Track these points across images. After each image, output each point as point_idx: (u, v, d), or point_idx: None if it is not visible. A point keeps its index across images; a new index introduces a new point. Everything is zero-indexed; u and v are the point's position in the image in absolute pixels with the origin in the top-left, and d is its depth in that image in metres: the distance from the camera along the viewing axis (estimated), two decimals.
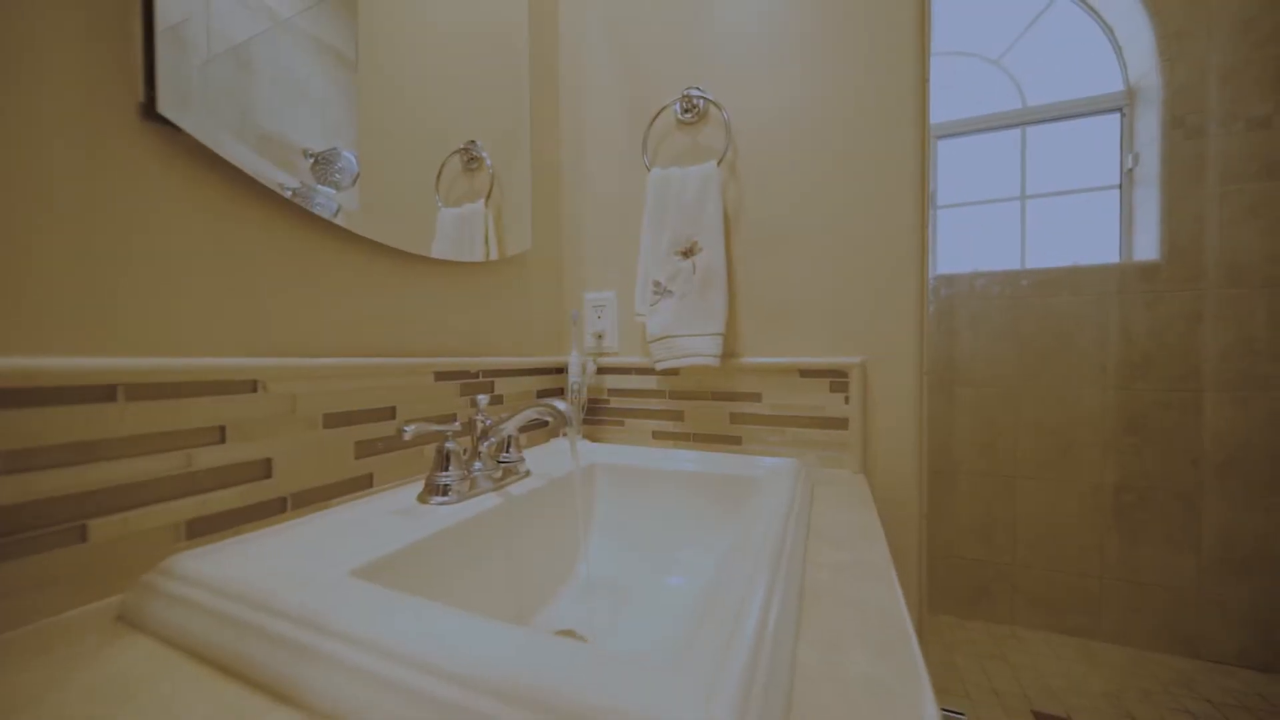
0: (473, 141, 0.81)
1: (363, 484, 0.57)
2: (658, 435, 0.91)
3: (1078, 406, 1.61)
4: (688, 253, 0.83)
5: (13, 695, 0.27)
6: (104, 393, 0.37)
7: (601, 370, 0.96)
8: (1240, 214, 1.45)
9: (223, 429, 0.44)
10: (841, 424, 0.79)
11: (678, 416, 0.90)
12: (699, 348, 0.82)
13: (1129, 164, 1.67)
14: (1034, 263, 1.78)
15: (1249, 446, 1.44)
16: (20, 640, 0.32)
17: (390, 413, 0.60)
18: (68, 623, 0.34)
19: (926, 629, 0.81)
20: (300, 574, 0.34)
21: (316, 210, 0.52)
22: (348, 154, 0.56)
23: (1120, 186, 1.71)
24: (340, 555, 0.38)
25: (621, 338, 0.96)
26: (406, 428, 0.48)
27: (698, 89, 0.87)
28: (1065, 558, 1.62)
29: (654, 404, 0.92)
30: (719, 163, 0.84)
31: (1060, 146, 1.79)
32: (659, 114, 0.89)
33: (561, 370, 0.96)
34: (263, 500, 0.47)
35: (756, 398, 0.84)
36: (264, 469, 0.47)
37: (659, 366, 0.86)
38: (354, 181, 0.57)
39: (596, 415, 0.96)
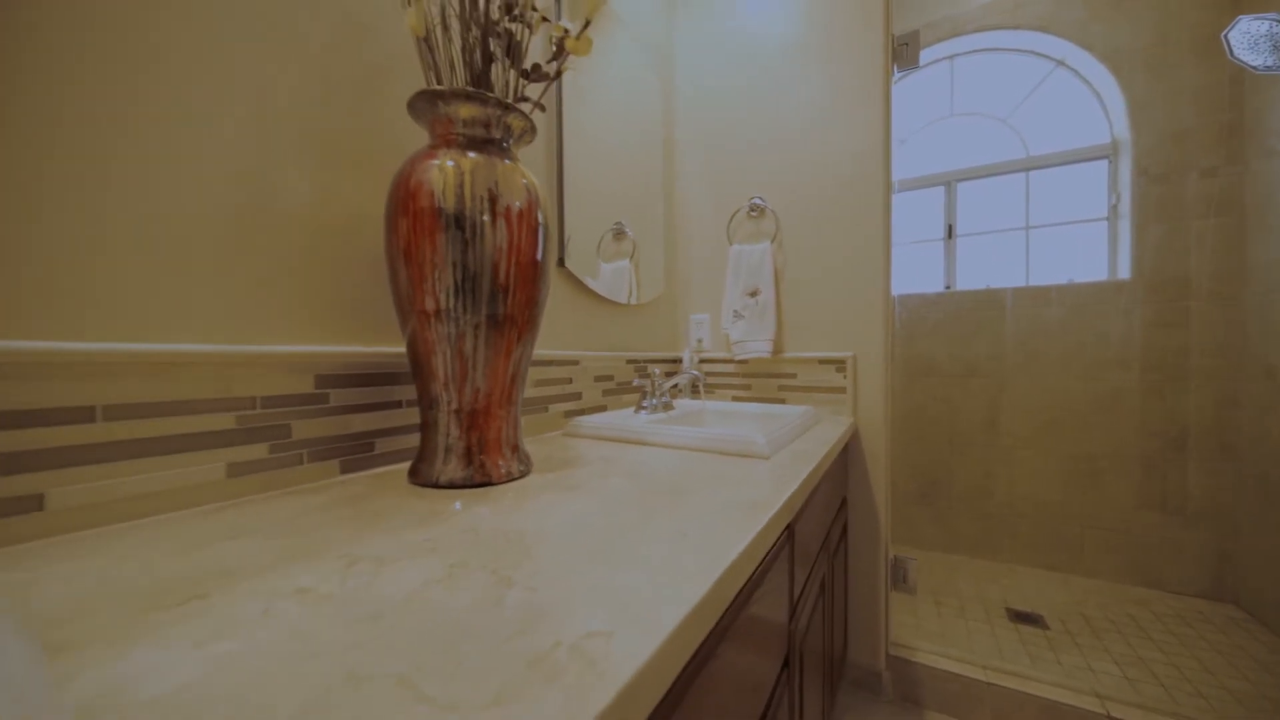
0: (619, 221, 1.49)
1: (601, 408, 1.27)
2: (736, 398, 1.56)
3: (1063, 392, 2.06)
4: (753, 294, 1.47)
5: (550, 450, 0.97)
6: (548, 362, 1.07)
7: (701, 361, 1.62)
8: (1191, 244, 1.86)
9: (571, 378, 1.14)
10: (842, 390, 1.39)
11: (747, 387, 1.54)
12: (760, 348, 1.46)
13: (1113, 201, 2.09)
14: (1036, 280, 2.23)
15: (1197, 423, 1.85)
16: (543, 438, 1.02)
17: (610, 377, 1.30)
18: (549, 436, 1.04)
19: (889, 476, 1.40)
20: (626, 423, 1.02)
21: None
22: None
23: (1107, 219, 2.13)
24: (629, 424, 1.06)
25: (713, 342, 1.62)
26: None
27: (760, 197, 1.51)
28: (1052, 510, 2.08)
29: (733, 380, 1.56)
30: (771, 241, 1.48)
31: (1058, 186, 2.23)
32: (735, 213, 1.54)
33: (677, 360, 1.63)
34: (580, 408, 1.17)
35: (793, 376, 1.47)
36: (579, 396, 1.17)
37: (736, 358, 1.50)
38: None
39: (698, 388, 1.62)
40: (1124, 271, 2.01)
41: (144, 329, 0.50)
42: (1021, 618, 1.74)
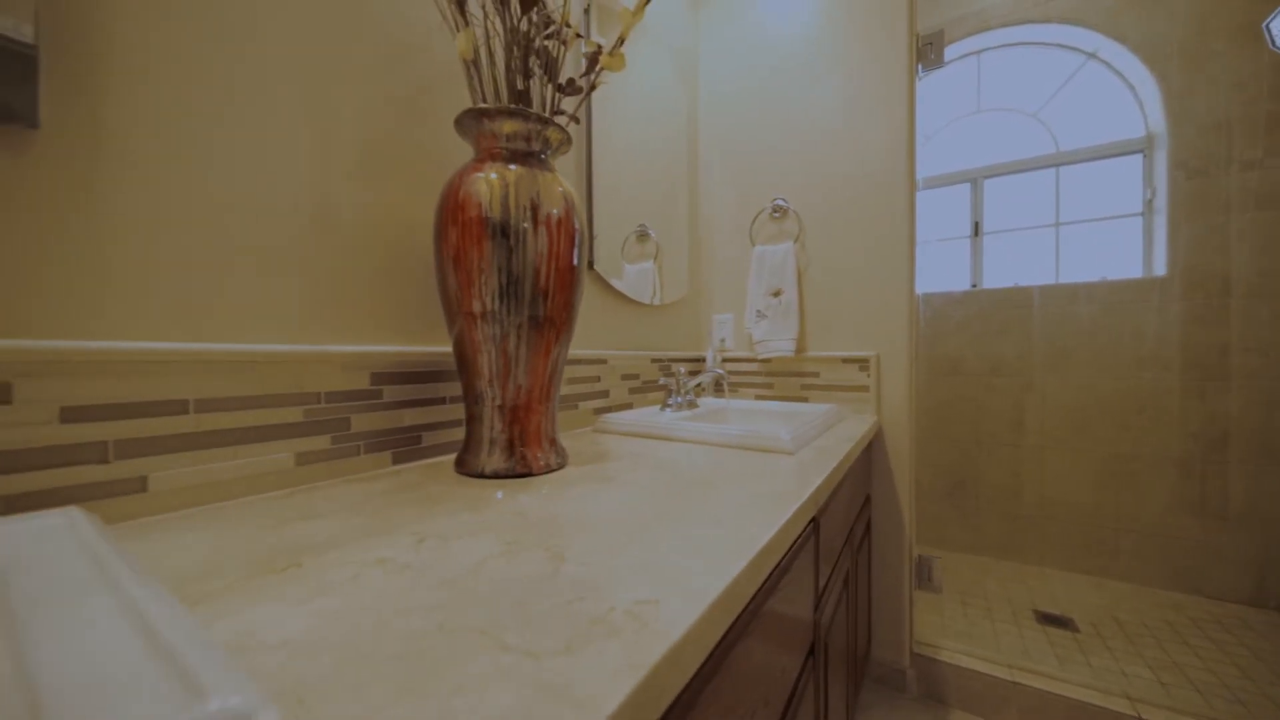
0: (642, 223, 1.52)
1: (627, 406, 1.30)
2: (759, 396, 1.58)
3: (1095, 392, 2.02)
4: (776, 294, 1.49)
5: (581, 445, 1.01)
6: (578, 361, 1.12)
7: (724, 360, 1.64)
8: (1232, 239, 1.80)
9: (599, 376, 1.18)
10: (865, 389, 1.40)
11: (770, 386, 1.56)
12: (783, 347, 1.47)
13: (1148, 196, 2.04)
14: (1066, 278, 2.19)
15: (1239, 425, 1.79)
16: (574, 433, 1.07)
17: (636, 375, 1.33)
18: (578, 432, 1.09)
19: (914, 474, 1.41)
20: (653, 420, 1.06)
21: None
22: None
23: (1142, 214, 2.07)
24: (655, 421, 1.09)
25: (736, 341, 1.64)
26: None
27: (782, 199, 1.53)
28: (1084, 512, 2.04)
29: (756, 379, 1.59)
30: (794, 241, 1.49)
31: (1090, 181, 2.18)
32: (758, 214, 1.56)
33: (701, 359, 1.65)
34: (608, 405, 1.21)
35: (816, 375, 1.48)
36: (606, 394, 1.21)
37: (759, 357, 1.52)
38: None
39: (721, 386, 1.65)
40: (1160, 268, 1.96)
41: (228, 330, 0.56)
42: (1050, 620, 1.72)
